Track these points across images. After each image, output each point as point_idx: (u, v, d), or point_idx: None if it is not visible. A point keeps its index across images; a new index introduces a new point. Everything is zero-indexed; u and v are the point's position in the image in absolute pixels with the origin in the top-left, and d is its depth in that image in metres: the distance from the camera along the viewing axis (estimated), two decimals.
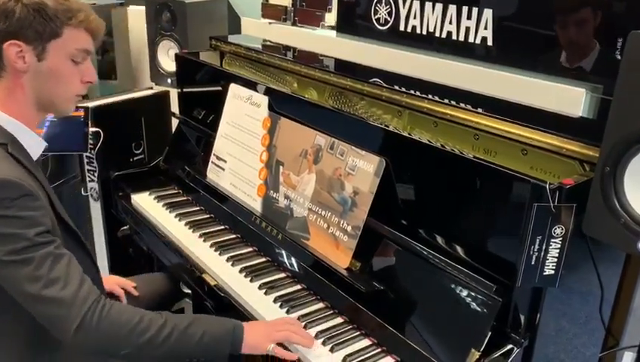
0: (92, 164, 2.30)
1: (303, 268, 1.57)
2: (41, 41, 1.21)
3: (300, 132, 1.64)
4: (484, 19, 1.68)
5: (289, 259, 1.61)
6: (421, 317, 1.29)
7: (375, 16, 2.04)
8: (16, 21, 1.18)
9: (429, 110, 1.50)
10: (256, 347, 1.31)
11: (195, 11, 2.36)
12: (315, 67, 1.85)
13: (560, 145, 1.24)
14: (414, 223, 1.39)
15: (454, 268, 1.26)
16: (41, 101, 1.27)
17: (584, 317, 1.38)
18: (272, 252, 1.67)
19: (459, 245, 1.30)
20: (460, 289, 1.24)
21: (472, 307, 1.22)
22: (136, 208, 2.07)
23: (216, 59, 2.28)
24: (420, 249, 1.34)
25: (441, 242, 1.33)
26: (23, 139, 1.26)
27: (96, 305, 1.18)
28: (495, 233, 1.24)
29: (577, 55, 1.50)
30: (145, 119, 2.42)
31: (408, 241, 1.37)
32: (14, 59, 1.19)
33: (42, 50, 1.22)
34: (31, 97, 1.26)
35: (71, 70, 1.25)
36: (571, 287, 1.29)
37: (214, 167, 1.95)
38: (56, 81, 1.25)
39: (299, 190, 1.62)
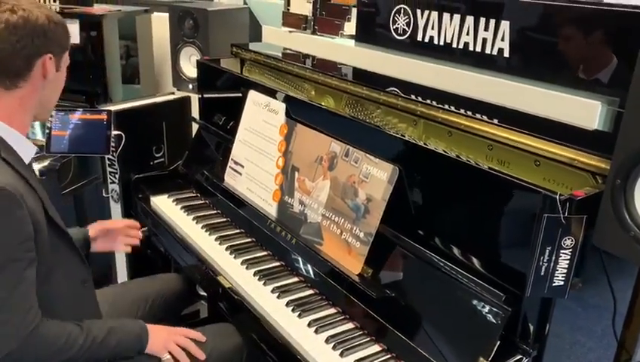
0: (113, 166, 2.35)
1: (315, 273, 1.59)
2: (61, 54, 1.33)
3: (315, 139, 1.67)
4: (502, 30, 1.70)
5: (302, 263, 1.64)
6: (431, 325, 1.30)
7: (394, 26, 2.06)
8: (52, 34, 1.28)
9: (443, 120, 1.51)
10: (155, 351, 1.48)
11: (217, 19, 2.40)
12: (332, 75, 1.88)
13: (573, 157, 1.24)
14: (426, 231, 1.41)
15: (465, 277, 1.28)
16: (41, 108, 1.35)
17: (600, 331, 1.38)
18: (286, 256, 1.70)
19: (470, 254, 1.31)
20: (469, 297, 1.25)
21: (481, 315, 1.22)
22: (155, 210, 2.11)
23: (237, 66, 2.32)
24: (431, 257, 1.35)
25: (452, 250, 1.35)
26: (15, 144, 1.30)
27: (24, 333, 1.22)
28: (506, 243, 1.25)
29: (594, 68, 1.50)
30: (166, 123, 2.47)
31: (420, 249, 1.38)
32: (48, 71, 1.29)
33: (60, 59, 1.33)
34: (37, 106, 1.33)
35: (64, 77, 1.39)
36: (588, 301, 1.29)
37: (232, 172, 1.98)
38: (58, 88, 1.38)
39: (313, 196, 1.64)
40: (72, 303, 1.41)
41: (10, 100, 1.28)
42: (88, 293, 1.51)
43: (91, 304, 1.53)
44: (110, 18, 2.58)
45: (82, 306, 1.46)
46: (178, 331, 1.54)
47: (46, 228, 1.30)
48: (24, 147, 1.33)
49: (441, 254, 1.34)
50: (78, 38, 2.58)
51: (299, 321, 1.47)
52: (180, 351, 1.49)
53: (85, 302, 1.49)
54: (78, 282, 1.45)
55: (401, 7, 2.01)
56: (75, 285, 1.43)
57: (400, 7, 2.02)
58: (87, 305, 1.49)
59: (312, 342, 1.40)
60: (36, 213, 1.26)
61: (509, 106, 1.55)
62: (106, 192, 2.42)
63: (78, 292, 1.43)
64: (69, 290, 1.40)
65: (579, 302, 1.27)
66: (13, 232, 1.20)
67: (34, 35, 1.24)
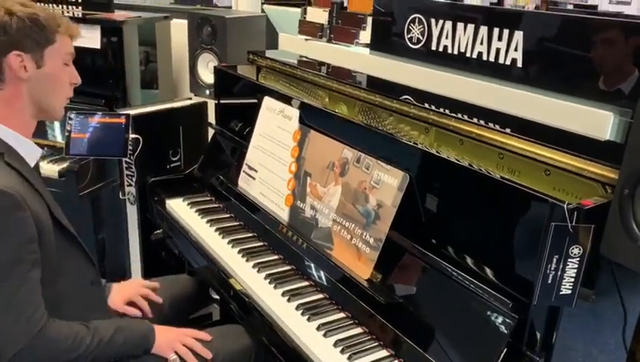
0: (130, 169, 2.39)
1: (325, 278, 1.61)
2: (38, 49, 1.29)
3: (328, 145, 1.69)
4: (515, 41, 1.71)
5: (313, 268, 1.65)
6: (438, 331, 1.31)
7: (408, 35, 2.08)
8: (15, 32, 1.25)
9: (455, 128, 1.52)
10: (161, 351, 1.49)
11: (234, 26, 2.44)
12: (346, 83, 1.90)
13: (583, 167, 1.25)
14: (435, 238, 1.42)
15: (472, 284, 1.28)
16: (38, 107, 1.34)
17: (613, 344, 1.37)
18: (297, 260, 1.72)
19: (478, 261, 1.32)
20: (477, 304, 1.26)
21: (488, 322, 1.23)
22: (170, 213, 2.15)
23: (253, 73, 2.36)
24: (440, 263, 1.36)
25: (460, 257, 1.36)
26: (19, 147, 1.32)
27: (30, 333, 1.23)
28: (514, 251, 1.26)
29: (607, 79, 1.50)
30: (183, 128, 2.51)
31: (428, 255, 1.39)
32: (17, 68, 1.27)
33: (40, 57, 1.30)
34: (29, 105, 1.32)
35: (64, 74, 1.36)
36: (602, 314, 1.29)
37: (245, 176, 2.01)
38: (54, 85, 1.34)
39: (325, 201, 1.66)
40: (81, 304, 1.43)
41: None
42: (97, 294, 1.54)
43: (100, 304, 1.55)
44: (130, 24, 2.63)
45: (91, 307, 1.48)
46: (185, 332, 1.56)
47: (52, 231, 1.31)
48: (28, 149, 1.34)
49: (449, 261, 1.35)
50: (99, 43, 2.64)
51: (308, 325, 1.48)
52: (186, 351, 1.51)
53: (94, 302, 1.51)
54: (86, 283, 1.46)
55: (416, 16, 2.03)
56: (83, 286, 1.45)
57: (415, 16, 2.04)
58: (96, 306, 1.51)
59: (321, 345, 1.42)
60: (40, 215, 1.28)
61: (522, 116, 1.56)
62: (123, 195, 2.46)
63: (86, 293, 1.45)
64: (77, 291, 1.41)
65: (592, 313, 1.27)
66: (15, 234, 1.22)
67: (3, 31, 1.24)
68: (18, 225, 1.22)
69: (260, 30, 2.61)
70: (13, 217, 1.21)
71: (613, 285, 1.25)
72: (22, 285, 1.23)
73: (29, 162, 1.35)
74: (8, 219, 1.21)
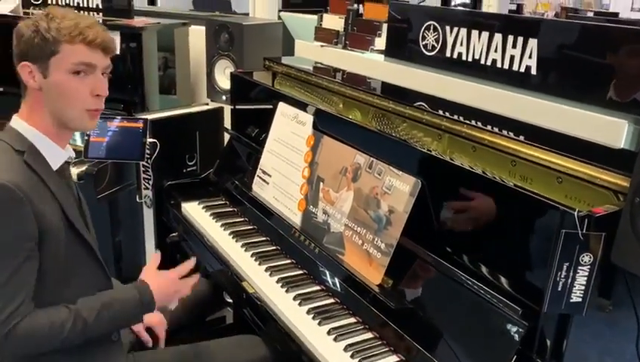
0: (147, 173, 2.43)
1: (336, 283, 1.62)
2: (43, 59, 1.30)
3: (340, 150, 1.71)
4: (529, 48, 1.71)
5: (324, 272, 1.66)
6: (448, 337, 1.31)
7: (423, 42, 2.09)
8: (24, 43, 1.30)
9: (467, 135, 1.53)
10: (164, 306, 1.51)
11: (251, 33, 2.48)
12: (359, 89, 1.92)
13: (595, 175, 1.24)
14: (446, 244, 1.42)
15: (482, 290, 1.28)
16: (56, 117, 1.35)
17: (629, 354, 1.36)
18: (309, 265, 1.73)
19: (489, 267, 1.32)
20: (487, 311, 1.26)
21: (498, 329, 1.23)
22: (185, 216, 2.18)
23: (269, 79, 2.38)
24: (450, 269, 1.36)
25: (471, 263, 1.36)
26: (43, 148, 1.34)
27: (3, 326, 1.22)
28: (525, 258, 1.26)
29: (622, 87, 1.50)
30: (199, 133, 2.55)
31: (439, 261, 1.40)
32: (27, 78, 1.31)
33: (46, 67, 1.31)
34: (48, 114, 1.34)
35: (75, 84, 1.31)
36: (619, 324, 1.27)
37: (259, 181, 2.03)
38: (62, 95, 1.32)
39: (337, 206, 1.68)
40: None
41: (28, 107, 1.35)
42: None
43: None
44: (149, 30, 2.68)
45: None
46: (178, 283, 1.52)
47: (64, 232, 1.32)
48: (52, 152, 1.36)
49: (460, 267, 1.35)
50: (119, 49, 2.69)
51: (319, 329, 1.49)
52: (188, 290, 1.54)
53: None
54: (94, 291, 1.43)
55: (431, 23, 2.04)
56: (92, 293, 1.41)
57: (430, 23, 2.05)
58: None
59: (331, 349, 1.42)
60: (48, 216, 1.29)
61: (536, 123, 1.56)
62: (140, 198, 2.50)
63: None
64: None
65: (608, 324, 1.26)
66: (8, 228, 1.23)
67: (16, 43, 1.31)
68: (13, 220, 1.24)
69: (276, 37, 2.64)
70: (10, 211, 1.23)
71: (627, 295, 1.24)
72: (11, 276, 1.24)
73: (51, 164, 1.36)
74: (4, 212, 1.23)
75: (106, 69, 1.36)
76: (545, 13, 9.12)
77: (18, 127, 1.34)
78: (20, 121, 1.35)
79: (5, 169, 1.27)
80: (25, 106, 1.35)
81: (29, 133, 1.34)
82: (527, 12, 8.51)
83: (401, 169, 1.51)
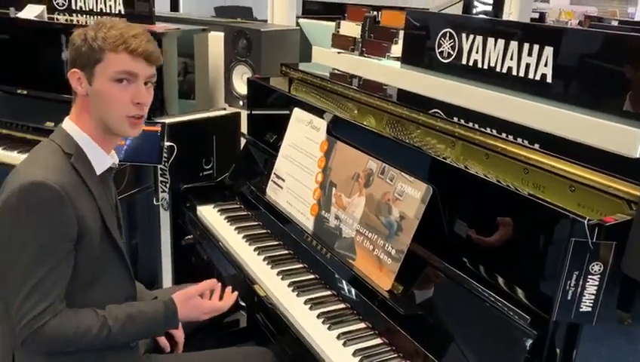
0: (165, 176, 2.47)
1: (347, 288, 1.62)
2: (89, 67, 1.36)
3: (353, 156, 1.71)
4: (545, 56, 1.70)
5: (335, 277, 1.67)
6: (456, 344, 1.30)
7: (439, 49, 2.10)
8: (74, 51, 1.37)
9: (480, 142, 1.52)
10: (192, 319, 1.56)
11: (269, 39, 2.51)
12: (373, 95, 1.93)
13: (608, 184, 1.23)
14: (456, 251, 1.42)
15: (492, 297, 1.28)
16: (101, 122, 1.40)
17: None
18: (321, 269, 1.74)
19: (498, 275, 1.31)
20: (496, 318, 1.25)
21: (507, 337, 1.22)
22: (200, 219, 2.20)
23: (285, 85, 2.40)
24: (460, 276, 1.36)
25: (480, 271, 1.35)
26: (90, 153, 1.40)
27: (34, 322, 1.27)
28: (534, 265, 1.24)
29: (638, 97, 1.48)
30: (216, 137, 2.58)
31: (449, 268, 1.39)
32: (75, 84, 1.38)
33: (91, 74, 1.36)
34: (94, 119, 1.40)
35: (117, 92, 1.34)
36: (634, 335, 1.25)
37: (273, 185, 2.05)
38: (105, 102, 1.36)
39: (349, 211, 1.68)
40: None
41: (78, 111, 1.41)
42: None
43: None
44: (170, 36, 2.72)
45: None
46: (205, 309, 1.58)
47: (100, 237, 1.38)
48: (98, 158, 1.42)
49: (470, 274, 1.35)
50: None
51: (328, 333, 1.50)
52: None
53: None
54: (122, 298, 1.48)
55: (447, 30, 2.05)
56: (117, 300, 1.46)
57: (446, 30, 2.05)
58: None
59: (340, 354, 1.43)
60: (87, 219, 1.34)
61: (551, 132, 1.55)
62: (157, 200, 2.54)
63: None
64: (111, 303, 1.42)
65: (627, 337, 1.25)
66: (49, 227, 1.28)
67: (69, 51, 1.38)
68: (56, 219, 1.29)
69: (294, 43, 2.66)
70: (53, 211, 1.28)
71: None
72: (47, 274, 1.28)
73: (96, 169, 1.42)
74: (46, 211, 1.28)
75: (149, 78, 1.39)
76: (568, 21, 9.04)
77: (68, 129, 1.41)
78: (70, 123, 1.41)
79: (53, 170, 1.32)
80: (74, 110, 1.42)
81: (77, 135, 1.40)
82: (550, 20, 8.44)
83: (413, 175, 1.51)
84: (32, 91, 2.75)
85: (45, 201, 1.28)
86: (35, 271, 1.28)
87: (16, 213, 1.28)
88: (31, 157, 1.40)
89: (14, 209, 1.28)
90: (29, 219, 1.28)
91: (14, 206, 1.28)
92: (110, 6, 3.02)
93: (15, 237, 1.29)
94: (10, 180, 1.34)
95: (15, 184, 1.29)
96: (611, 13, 10.23)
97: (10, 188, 1.30)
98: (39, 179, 1.27)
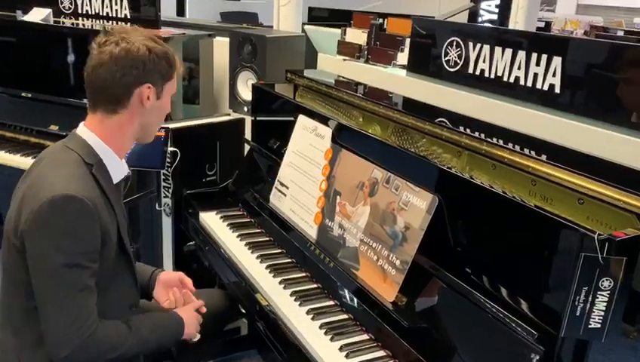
0: (168, 181, 2.45)
1: (350, 298, 1.60)
2: (162, 83, 1.40)
3: (358, 164, 1.70)
4: (553, 66, 1.69)
5: (339, 287, 1.65)
6: (461, 359, 1.28)
7: (445, 58, 2.08)
8: (152, 67, 1.36)
9: (487, 152, 1.50)
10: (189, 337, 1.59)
11: (274, 45, 2.49)
12: (379, 104, 1.91)
13: (618, 198, 1.21)
14: (462, 263, 1.39)
15: (498, 311, 1.25)
16: (142, 132, 1.44)
17: None
18: (324, 279, 1.71)
19: (505, 288, 1.29)
20: (502, 333, 1.23)
21: (513, 353, 1.20)
22: (203, 225, 2.19)
23: (290, 92, 2.39)
24: (466, 289, 1.34)
25: (487, 284, 1.33)
26: (109, 163, 1.41)
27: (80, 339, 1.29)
28: (542, 280, 1.22)
29: None
30: (220, 143, 2.57)
31: (454, 281, 1.37)
32: (143, 100, 1.37)
33: (161, 90, 1.40)
34: (135, 130, 1.43)
35: (169, 105, 1.47)
36: None
37: (277, 193, 2.03)
38: (161, 115, 1.46)
39: (353, 220, 1.66)
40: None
41: (110, 124, 1.39)
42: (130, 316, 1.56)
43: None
44: (175, 41, 2.72)
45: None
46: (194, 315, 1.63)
47: (115, 247, 1.38)
48: (116, 168, 1.43)
49: (476, 287, 1.32)
50: None
51: (331, 344, 1.47)
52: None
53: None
54: (126, 305, 1.51)
55: (454, 39, 2.03)
56: (123, 308, 1.49)
57: (453, 39, 2.04)
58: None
59: None
60: (109, 229, 1.35)
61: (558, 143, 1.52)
62: (159, 206, 2.52)
63: (123, 315, 1.47)
64: (116, 311, 1.44)
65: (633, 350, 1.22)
66: (82, 240, 1.29)
67: (133, 65, 1.34)
68: (86, 233, 1.29)
69: (299, 49, 2.65)
70: (82, 223, 1.28)
71: None
72: (81, 290, 1.29)
73: (113, 178, 1.43)
74: (77, 224, 1.28)
75: None
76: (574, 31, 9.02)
77: (88, 140, 1.39)
78: (90, 133, 1.39)
79: (79, 181, 1.32)
80: (104, 123, 1.39)
81: (99, 147, 1.39)
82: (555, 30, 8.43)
83: (419, 185, 1.49)
84: (37, 94, 2.75)
85: (78, 214, 1.27)
86: (70, 284, 1.28)
87: (48, 226, 1.27)
88: (53, 168, 1.36)
89: (46, 222, 1.27)
90: (62, 232, 1.27)
91: (46, 219, 1.27)
92: (116, 10, 3.02)
93: (48, 250, 1.28)
94: (34, 191, 1.31)
95: (44, 196, 1.27)
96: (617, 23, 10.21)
97: (39, 200, 1.27)
98: (71, 193, 1.27)
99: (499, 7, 6.24)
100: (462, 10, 5.23)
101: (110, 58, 1.33)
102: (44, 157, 1.42)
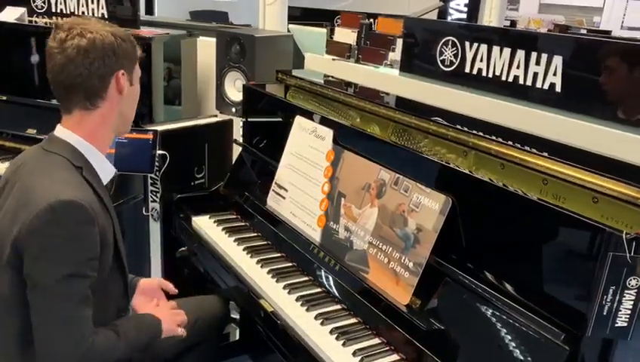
0: (155, 185, 2.38)
1: (360, 302, 1.57)
2: (132, 68, 1.36)
3: (363, 166, 1.67)
4: (554, 65, 1.70)
5: (346, 291, 1.62)
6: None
7: (440, 57, 2.08)
8: (122, 53, 1.32)
9: (496, 152, 1.50)
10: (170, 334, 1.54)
11: (263, 45, 2.44)
12: (380, 104, 1.89)
13: (633, 195, 1.22)
14: (479, 265, 1.39)
15: (519, 313, 1.25)
16: (122, 122, 1.39)
17: None
18: (329, 283, 1.69)
19: (525, 289, 1.29)
20: (524, 335, 1.22)
21: (537, 355, 1.19)
22: (196, 230, 2.13)
23: (281, 92, 2.35)
24: (484, 291, 1.33)
25: (505, 285, 1.32)
26: (96, 163, 1.36)
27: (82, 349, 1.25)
28: (564, 280, 1.22)
29: None
30: (208, 145, 2.51)
31: (472, 282, 1.36)
32: (120, 88, 1.33)
33: (131, 75, 1.37)
34: (116, 121, 1.37)
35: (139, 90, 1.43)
36: None
37: (275, 195, 1.99)
38: (135, 101, 1.42)
39: (360, 223, 1.64)
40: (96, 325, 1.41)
41: (92, 119, 1.33)
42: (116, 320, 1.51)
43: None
44: (158, 41, 2.64)
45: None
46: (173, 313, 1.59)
47: (112, 252, 1.33)
48: (104, 168, 1.38)
49: (495, 289, 1.32)
50: None
51: (344, 350, 1.45)
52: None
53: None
54: (115, 310, 1.46)
55: (449, 39, 2.03)
56: (112, 312, 1.44)
57: (448, 39, 2.04)
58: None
59: None
60: (107, 233, 1.30)
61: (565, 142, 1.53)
62: (146, 211, 2.45)
63: (109, 320, 1.43)
64: (105, 316, 1.40)
65: None
66: (83, 248, 1.23)
67: (105, 54, 1.29)
68: (87, 240, 1.24)
69: (287, 49, 2.61)
70: (84, 230, 1.23)
71: None
72: (81, 301, 1.24)
73: (102, 179, 1.38)
74: (78, 232, 1.22)
75: None
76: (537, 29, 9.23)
77: (71, 141, 1.33)
78: (71, 134, 1.33)
79: (73, 185, 1.26)
80: (84, 121, 1.33)
81: (82, 147, 1.33)
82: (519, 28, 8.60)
83: (429, 186, 1.47)
84: (13, 97, 2.63)
85: (77, 220, 1.22)
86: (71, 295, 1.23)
87: (48, 235, 1.21)
88: (40, 174, 1.29)
89: (45, 231, 1.21)
90: (64, 240, 1.22)
91: (46, 228, 1.21)
92: (93, 9, 2.92)
93: (50, 261, 1.22)
94: (23, 202, 1.25)
95: (39, 204, 1.21)
96: (578, 21, 10.49)
97: (34, 208, 1.21)
98: (69, 198, 1.21)
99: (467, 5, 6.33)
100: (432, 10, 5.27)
101: (78, 52, 1.27)
102: (24, 164, 1.35)
